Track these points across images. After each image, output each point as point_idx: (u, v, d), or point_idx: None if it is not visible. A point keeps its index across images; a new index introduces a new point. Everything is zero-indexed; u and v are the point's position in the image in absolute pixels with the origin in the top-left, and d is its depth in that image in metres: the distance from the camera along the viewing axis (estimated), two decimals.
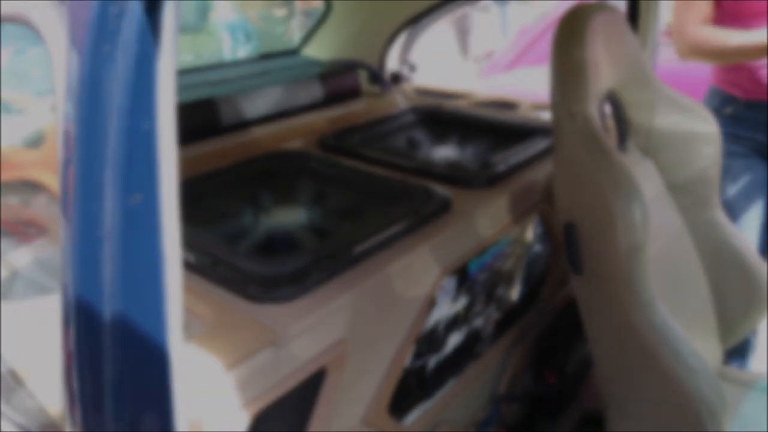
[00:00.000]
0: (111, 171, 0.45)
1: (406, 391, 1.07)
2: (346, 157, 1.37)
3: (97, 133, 0.45)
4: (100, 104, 0.45)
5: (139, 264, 0.47)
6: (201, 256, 0.89)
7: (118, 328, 0.48)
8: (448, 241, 1.05)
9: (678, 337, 1.07)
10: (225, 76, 1.58)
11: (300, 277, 0.83)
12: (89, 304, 0.49)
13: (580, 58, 1.12)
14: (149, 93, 0.45)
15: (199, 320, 0.77)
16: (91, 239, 0.47)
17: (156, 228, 0.47)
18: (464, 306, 1.17)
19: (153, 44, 0.45)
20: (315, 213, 1.14)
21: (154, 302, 0.50)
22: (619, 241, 1.04)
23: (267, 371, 0.73)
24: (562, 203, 1.18)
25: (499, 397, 1.41)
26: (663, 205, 1.42)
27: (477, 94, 1.99)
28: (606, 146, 1.06)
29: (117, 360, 0.49)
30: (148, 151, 0.46)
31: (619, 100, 1.41)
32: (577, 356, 1.63)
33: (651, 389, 1.13)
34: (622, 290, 1.08)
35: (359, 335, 0.88)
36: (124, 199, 0.46)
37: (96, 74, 0.45)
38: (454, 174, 1.24)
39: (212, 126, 1.36)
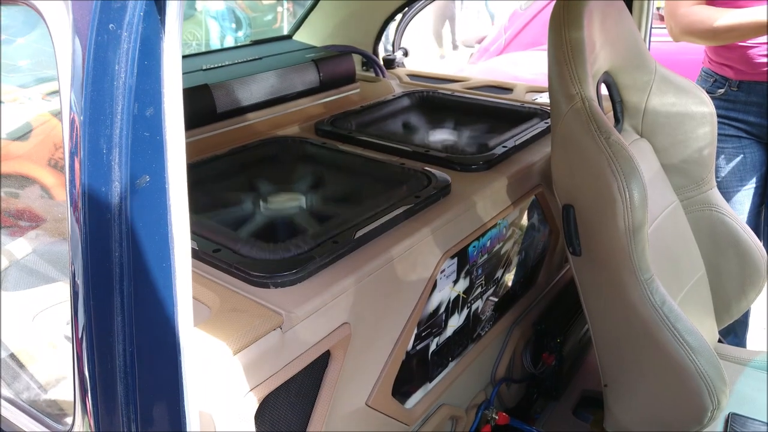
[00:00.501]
0: (118, 154, 0.45)
1: (408, 374, 1.07)
2: (342, 142, 1.36)
3: (104, 117, 0.45)
4: (106, 87, 0.44)
5: (148, 245, 0.47)
6: (204, 242, 0.88)
7: (128, 312, 0.48)
8: (448, 224, 1.05)
9: (678, 315, 1.08)
10: (219, 62, 1.56)
11: (303, 262, 0.83)
12: (98, 290, 0.49)
13: (578, 39, 1.12)
14: (155, 74, 0.45)
15: (204, 306, 0.77)
16: (100, 221, 0.47)
17: (164, 209, 0.47)
18: (465, 288, 1.17)
19: (158, 25, 0.44)
20: (315, 198, 1.14)
21: (164, 283, 0.49)
22: (619, 221, 1.05)
23: (274, 355, 0.73)
24: (560, 185, 1.18)
25: (498, 379, 1.42)
26: (659, 185, 1.42)
27: (471, 79, 1.98)
28: (606, 126, 1.06)
29: (128, 345, 0.49)
30: (154, 133, 0.46)
31: (614, 81, 1.41)
32: (575, 337, 1.64)
33: (651, 368, 1.14)
34: (621, 270, 1.09)
35: (363, 319, 0.88)
36: (131, 181, 0.46)
37: (100, 55, 0.44)
38: (453, 158, 1.24)
39: (208, 112, 1.35)
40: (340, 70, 1.67)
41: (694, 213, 1.49)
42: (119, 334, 0.48)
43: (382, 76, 2.01)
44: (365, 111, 1.58)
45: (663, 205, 1.41)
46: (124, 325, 0.48)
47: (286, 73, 1.53)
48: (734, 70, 1.77)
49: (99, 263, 0.47)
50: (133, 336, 0.48)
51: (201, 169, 1.19)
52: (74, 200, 0.48)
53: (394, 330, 0.97)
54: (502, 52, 4.53)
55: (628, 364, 1.19)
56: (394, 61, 2.16)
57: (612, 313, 1.17)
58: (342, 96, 1.68)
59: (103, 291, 0.48)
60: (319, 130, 1.44)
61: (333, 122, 1.47)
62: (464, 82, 1.95)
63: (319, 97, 1.62)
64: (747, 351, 1.54)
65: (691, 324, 1.10)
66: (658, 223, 1.34)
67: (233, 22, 4.46)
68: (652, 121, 1.44)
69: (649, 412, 1.20)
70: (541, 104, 1.62)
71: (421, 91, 1.74)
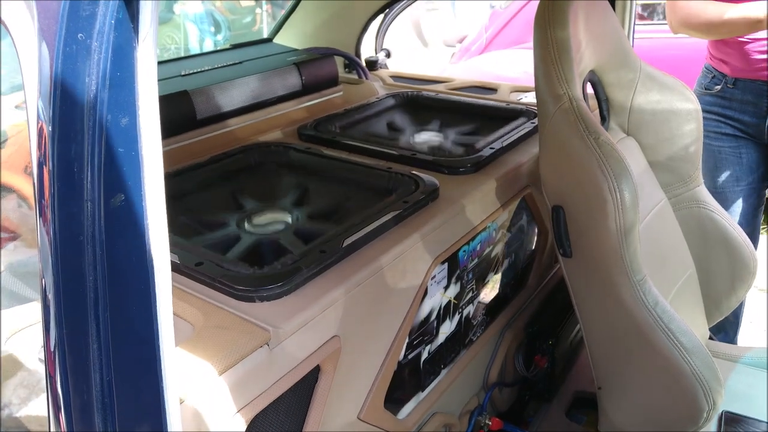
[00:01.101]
0: (90, 171, 0.42)
1: (400, 384, 1.05)
2: (327, 146, 1.34)
3: (74, 131, 0.42)
4: (76, 99, 0.41)
5: (125, 270, 0.44)
6: (185, 255, 0.85)
7: (104, 339, 0.45)
8: (438, 229, 1.02)
9: (671, 316, 1.07)
10: (197, 67, 1.52)
11: (290, 274, 0.80)
12: (71, 313, 0.45)
13: (564, 39, 1.10)
14: (129, 86, 0.42)
15: (187, 323, 0.74)
16: (72, 244, 0.44)
17: (142, 230, 0.44)
18: (456, 294, 1.15)
19: (131, 33, 0.41)
20: (300, 211, 1.10)
21: (143, 310, 0.46)
22: (610, 222, 1.03)
23: (261, 373, 0.70)
24: (549, 186, 1.17)
25: (490, 383, 1.40)
26: (647, 183, 1.42)
27: (455, 79, 1.96)
28: (595, 127, 1.04)
29: (105, 374, 0.46)
30: (129, 148, 0.43)
31: (599, 79, 1.40)
32: (567, 338, 1.63)
33: (645, 369, 1.13)
34: (613, 271, 1.07)
35: (353, 330, 0.85)
36: (105, 200, 0.43)
37: (69, 67, 0.41)
38: (440, 161, 1.21)
39: (187, 119, 1.32)
40: (322, 73, 1.65)
41: (682, 210, 1.49)
42: (95, 363, 0.45)
43: (365, 78, 1.98)
44: (349, 114, 1.55)
45: (651, 203, 1.40)
46: (100, 353, 0.45)
47: (268, 77, 1.50)
48: (731, 66, 1.76)
49: (72, 288, 0.44)
50: (110, 364, 0.45)
51: (180, 179, 1.15)
52: (43, 211, 0.45)
53: (385, 340, 0.94)
54: (483, 51, 4.52)
55: (622, 366, 1.18)
56: (376, 63, 2.13)
57: (604, 315, 1.16)
58: (325, 99, 1.65)
59: (76, 314, 0.45)
60: (303, 135, 1.41)
61: (316, 126, 1.44)
62: (448, 82, 1.93)
63: (302, 101, 1.59)
64: (738, 347, 1.54)
65: (685, 324, 1.09)
66: (647, 222, 1.34)
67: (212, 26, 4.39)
68: (637, 118, 1.43)
69: (644, 413, 1.18)
70: (526, 104, 1.60)
71: (405, 93, 1.72)
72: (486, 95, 1.75)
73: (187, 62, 1.60)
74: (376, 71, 2.10)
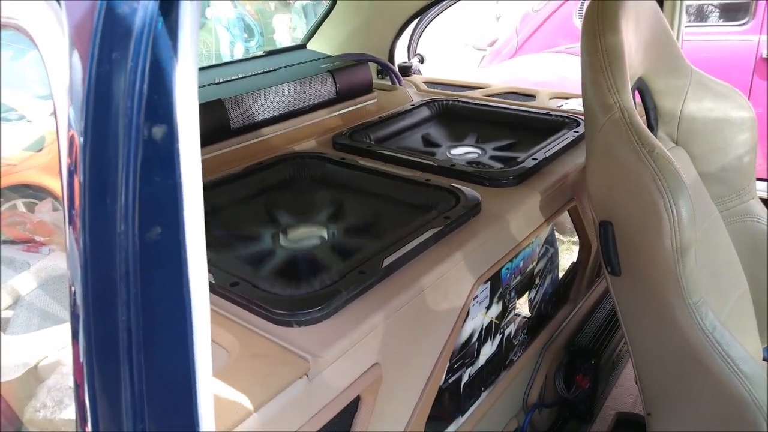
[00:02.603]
0: (123, 203, 0.38)
1: (440, 410, 1.00)
2: (362, 156, 1.29)
3: (107, 157, 0.38)
4: (110, 124, 0.37)
5: (161, 311, 0.40)
6: (220, 274, 0.81)
7: (137, 385, 0.41)
8: (481, 246, 0.97)
9: (730, 342, 1.00)
10: (231, 75, 1.50)
11: (329, 296, 0.76)
12: (102, 357, 0.42)
13: (615, 44, 1.04)
14: (167, 111, 0.38)
15: (222, 349, 0.70)
16: (103, 281, 0.40)
17: (179, 267, 0.40)
18: (497, 314, 1.10)
19: (170, 51, 0.37)
20: (335, 226, 1.06)
21: (179, 348, 0.42)
22: (665, 241, 0.97)
23: (300, 406, 0.66)
24: (596, 200, 1.10)
25: (531, 404, 1.34)
26: (698, 195, 1.34)
27: (492, 85, 1.91)
28: (649, 139, 0.98)
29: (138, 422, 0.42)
30: (166, 177, 0.39)
31: (648, 86, 1.33)
32: (610, 357, 1.56)
33: (701, 397, 1.06)
34: (667, 293, 1.01)
35: (394, 357, 0.81)
36: (140, 233, 0.39)
37: (102, 90, 0.37)
38: (481, 172, 1.16)
39: (221, 128, 1.29)
40: (356, 80, 1.61)
41: (734, 224, 1.41)
42: (128, 411, 0.41)
43: (398, 84, 1.94)
44: (384, 122, 1.51)
45: (702, 217, 1.33)
46: (133, 400, 0.41)
47: (302, 84, 1.46)
48: None
49: (103, 328, 0.40)
50: (144, 413, 0.41)
51: (215, 191, 1.12)
52: (73, 219, 0.41)
53: (426, 366, 0.89)
54: (514, 55, 4.45)
55: (675, 392, 1.11)
56: (410, 69, 2.09)
57: (656, 337, 1.09)
58: (359, 107, 1.61)
59: (108, 360, 0.41)
60: (337, 144, 1.37)
61: (351, 135, 1.40)
62: (484, 89, 1.87)
63: (336, 109, 1.55)
64: None
65: (745, 350, 1.02)
66: (697, 237, 1.26)
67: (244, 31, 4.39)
68: (688, 127, 1.36)
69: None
70: (568, 111, 1.54)
71: (441, 100, 1.67)
72: (524, 102, 1.69)
73: (220, 70, 1.57)
74: (409, 77, 2.05)
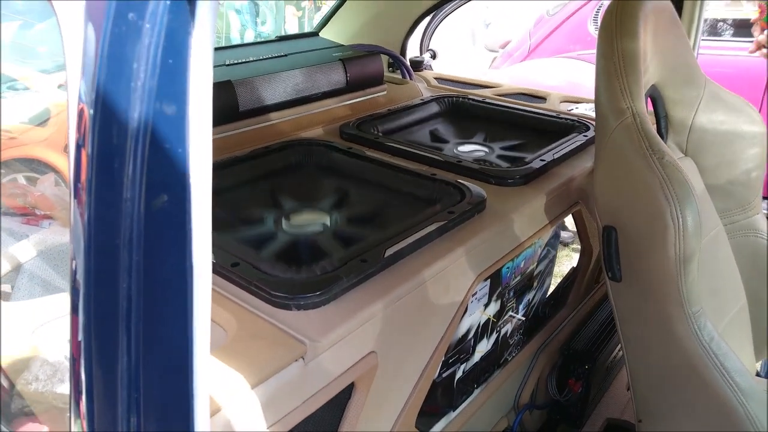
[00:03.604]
0: (131, 168, 0.38)
1: (432, 403, 1.00)
2: (369, 147, 1.29)
3: (116, 120, 0.37)
4: (121, 85, 0.37)
5: (163, 280, 0.40)
6: (222, 255, 0.81)
7: (134, 354, 0.40)
8: (483, 243, 0.97)
9: (726, 354, 1.00)
10: (242, 57, 1.49)
11: (329, 282, 0.76)
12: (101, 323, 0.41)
13: (632, 50, 1.04)
14: (181, 76, 0.38)
15: (220, 329, 0.70)
16: (105, 247, 0.40)
17: (184, 237, 0.40)
18: (495, 312, 1.09)
19: (187, 16, 0.37)
20: (339, 213, 1.06)
21: (178, 320, 0.42)
22: (669, 249, 0.96)
23: (295, 388, 0.66)
24: (602, 205, 1.10)
25: (522, 405, 1.34)
26: (704, 207, 1.34)
27: (503, 85, 1.90)
28: (660, 146, 0.98)
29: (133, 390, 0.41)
30: (176, 145, 0.39)
31: (660, 94, 1.33)
32: (603, 363, 1.56)
33: (693, 407, 1.05)
34: (667, 301, 1.00)
35: (390, 347, 0.80)
36: (146, 200, 0.39)
37: (117, 49, 0.37)
38: (488, 170, 1.16)
39: (229, 110, 1.28)
40: (367, 71, 1.60)
41: (737, 238, 1.40)
42: (123, 378, 0.41)
43: (409, 78, 1.93)
44: (392, 115, 1.50)
45: (707, 228, 1.32)
46: (129, 368, 0.41)
47: (313, 72, 1.45)
48: None
49: (104, 299, 0.40)
50: (139, 381, 0.41)
51: (220, 172, 1.12)
52: (78, 193, 0.41)
53: (421, 358, 0.89)
54: (526, 58, 4.43)
55: (668, 401, 1.11)
56: (421, 64, 2.08)
57: (653, 345, 1.09)
58: (369, 98, 1.60)
59: (107, 327, 0.40)
60: (345, 134, 1.37)
61: (359, 125, 1.39)
62: (495, 88, 1.86)
63: (345, 98, 1.54)
64: None
65: (741, 363, 1.01)
66: (701, 248, 1.26)
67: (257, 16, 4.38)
68: (698, 138, 1.35)
69: None
70: (578, 115, 1.53)
71: (451, 96, 1.67)
72: (535, 104, 1.69)
73: (232, 51, 1.57)
74: (420, 72, 2.05)
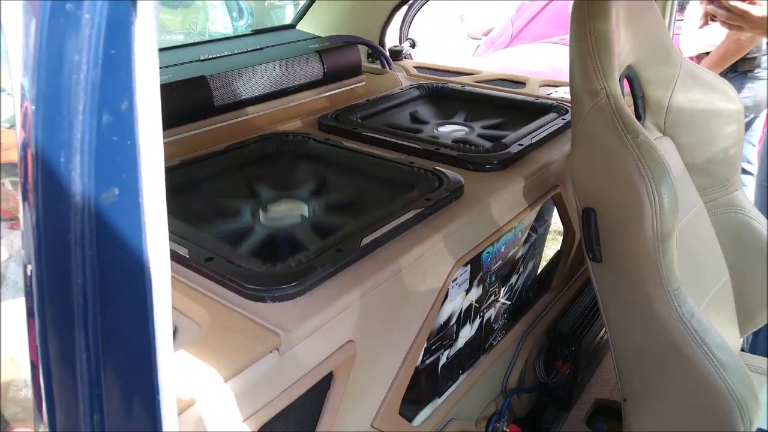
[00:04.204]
0: (79, 162, 0.37)
1: (416, 390, 1.00)
2: (347, 138, 1.28)
3: (60, 114, 0.37)
4: (62, 78, 0.36)
5: (118, 273, 0.39)
6: (196, 249, 0.81)
7: (93, 350, 0.40)
8: (461, 229, 0.97)
9: (707, 329, 1.00)
10: (217, 52, 1.48)
11: (304, 273, 0.75)
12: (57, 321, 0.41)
13: (604, 30, 1.04)
14: (125, 66, 0.37)
15: (194, 323, 0.70)
16: (57, 244, 0.39)
17: (138, 229, 0.39)
18: (477, 297, 1.10)
19: (128, 6, 0.36)
20: (316, 204, 1.05)
21: (137, 313, 0.42)
22: (646, 228, 0.97)
23: (270, 380, 0.66)
24: (580, 187, 1.10)
25: (509, 389, 1.35)
26: (683, 186, 1.34)
27: (482, 72, 1.90)
28: (634, 125, 0.98)
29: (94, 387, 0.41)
30: (125, 137, 0.38)
31: (637, 75, 1.33)
32: (590, 344, 1.57)
33: (676, 383, 1.06)
34: (647, 280, 1.01)
35: (369, 335, 0.80)
36: (96, 194, 0.38)
37: (56, 42, 0.36)
38: (466, 156, 1.15)
39: (204, 106, 1.27)
40: (345, 62, 1.59)
41: (718, 215, 1.41)
42: (84, 376, 0.40)
43: (388, 68, 1.92)
44: (371, 105, 1.49)
45: (687, 207, 1.33)
46: (89, 365, 0.40)
47: (289, 64, 1.45)
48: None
49: (59, 300, 0.39)
50: (100, 379, 0.41)
51: (195, 167, 1.11)
52: (27, 195, 0.40)
53: (402, 345, 0.89)
54: (508, 45, 4.43)
55: (651, 379, 1.12)
56: (401, 53, 2.07)
57: (635, 324, 1.09)
58: (347, 89, 1.59)
59: (63, 327, 0.40)
60: (323, 125, 1.36)
61: (337, 117, 1.39)
62: (475, 75, 1.86)
63: (323, 90, 1.53)
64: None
65: (722, 338, 1.02)
66: (681, 227, 1.26)
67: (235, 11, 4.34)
68: (675, 118, 1.35)
69: (673, 430, 1.12)
70: (557, 99, 1.53)
71: (430, 84, 1.66)
72: (514, 89, 1.69)
73: (206, 47, 1.55)
74: (400, 61, 2.04)
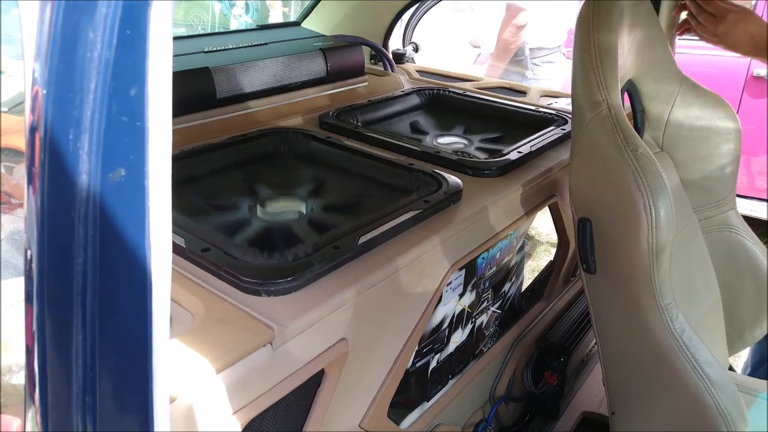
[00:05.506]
0: (87, 140, 0.37)
1: (406, 393, 1.00)
2: (347, 137, 1.28)
3: (71, 93, 0.37)
4: (76, 57, 0.36)
5: (120, 254, 0.39)
6: (193, 240, 0.80)
7: (90, 331, 0.40)
8: (458, 233, 0.97)
9: (697, 346, 1.01)
10: (222, 45, 1.47)
11: (300, 269, 0.75)
12: (55, 300, 0.41)
13: (609, 42, 1.04)
14: (139, 47, 0.37)
15: (187, 313, 0.69)
16: (61, 221, 0.39)
17: (141, 211, 0.39)
18: (470, 302, 1.10)
19: None
20: (315, 201, 1.05)
21: (137, 302, 0.41)
22: (642, 241, 0.97)
23: (262, 374, 0.65)
24: (577, 197, 1.10)
25: (497, 397, 1.35)
26: (678, 201, 1.35)
27: (484, 78, 1.90)
28: (634, 138, 0.98)
29: (88, 370, 0.41)
30: (134, 118, 0.38)
31: (637, 90, 1.34)
32: (580, 357, 1.57)
33: (665, 398, 1.07)
34: (640, 293, 1.01)
35: (362, 334, 0.80)
36: (102, 174, 0.38)
37: (71, 20, 0.36)
38: (465, 161, 1.16)
39: (206, 97, 1.27)
40: (348, 62, 1.59)
41: (711, 233, 1.42)
42: (78, 357, 0.40)
43: (391, 70, 1.93)
44: (372, 105, 1.50)
45: (681, 223, 1.34)
46: (85, 346, 0.40)
47: (293, 61, 1.44)
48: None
49: (57, 271, 0.39)
50: (95, 361, 0.40)
51: (195, 159, 1.11)
52: (32, 179, 0.40)
53: (394, 347, 0.89)
54: None
55: (640, 393, 1.12)
56: (404, 56, 2.07)
57: (626, 337, 1.10)
58: (349, 88, 1.59)
59: (61, 305, 0.40)
60: (324, 123, 1.36)
61: (338, 115, 1.39)
62: (476, 81, 1.87)
63: (325, 88, 1.53)
64: (759, 381, 1.47)
65: (712, 356, 1.03)
66: (675, 242, 1.27)
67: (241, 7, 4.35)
68: (674, 133, 1.36)
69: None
70: (557, 109, 1.54)
71: (432, 89, 1.66)
72: (515, 97, 1.69)
73: (211, 39, 1.55)
74: (402, 64, 2.04)
